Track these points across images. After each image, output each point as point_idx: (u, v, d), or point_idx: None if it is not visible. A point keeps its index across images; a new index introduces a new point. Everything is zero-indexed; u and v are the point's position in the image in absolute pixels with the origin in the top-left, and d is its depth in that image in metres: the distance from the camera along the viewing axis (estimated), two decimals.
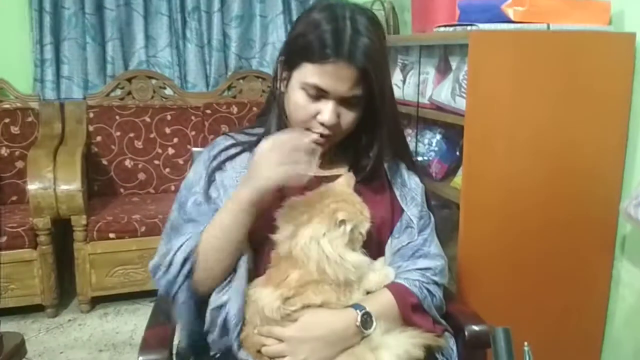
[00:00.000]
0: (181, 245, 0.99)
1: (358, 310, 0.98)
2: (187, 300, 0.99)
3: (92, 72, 3.15)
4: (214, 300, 0.99)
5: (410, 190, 1.16)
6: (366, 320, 0.98)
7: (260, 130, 1.14)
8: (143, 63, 3.27)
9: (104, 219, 2.59)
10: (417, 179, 1.18)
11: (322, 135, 1.04)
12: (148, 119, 3.12)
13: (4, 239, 2.45)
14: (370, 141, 1.12)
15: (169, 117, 3.16)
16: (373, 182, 1.13)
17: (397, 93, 2.08)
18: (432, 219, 1.17)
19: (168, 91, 3.27)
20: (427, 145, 1.93)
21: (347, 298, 0.99)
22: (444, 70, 1.84)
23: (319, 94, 1.01)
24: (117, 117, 3.08)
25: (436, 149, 1.92)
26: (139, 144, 3.08)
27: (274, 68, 1.12)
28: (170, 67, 3.31)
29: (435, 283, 1.09)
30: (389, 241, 1.11)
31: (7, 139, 2.87)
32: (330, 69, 0.98)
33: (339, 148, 1.14)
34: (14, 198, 2.83)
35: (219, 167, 1.09)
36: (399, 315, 1.03)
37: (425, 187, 1.20)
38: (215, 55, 3.34)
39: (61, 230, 2.63)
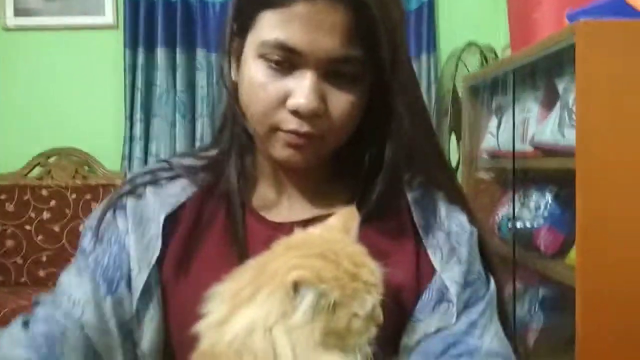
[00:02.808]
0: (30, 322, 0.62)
1: None
2: None
3: (180, 149, 3.02)
4: None
5: (450, 236, 0.66)
6: None
7: (213, 152, 0.75)
8: None
9: None
10: (462, 218, 0.69)
11: (298, 136, 0.62)
12: None
13: None
14: (380, 151, 0.67)
15: None
16: (385, 222, 0.67)
17: (492, 142, 1.59)
18: (490, 287, 0.66)
19: None
20: (533, 209, 1.39)
21: None
22: (550, 102, 1.34)
23: (290, 62, 0.60)
24: None
25: (546, 212, 1.36)
26: None
27: (221, 46, 0.72)
28: None
29: None
30: (408, 325, 0.63)
31: (86, 214, 2.78)
32: (302, 12, 0.58)
33: (338, 172, 0.71)
34: None
35: (133, 192, 0.71)
36: None
37: (479, 233, 0.70)
38: None
39: None
